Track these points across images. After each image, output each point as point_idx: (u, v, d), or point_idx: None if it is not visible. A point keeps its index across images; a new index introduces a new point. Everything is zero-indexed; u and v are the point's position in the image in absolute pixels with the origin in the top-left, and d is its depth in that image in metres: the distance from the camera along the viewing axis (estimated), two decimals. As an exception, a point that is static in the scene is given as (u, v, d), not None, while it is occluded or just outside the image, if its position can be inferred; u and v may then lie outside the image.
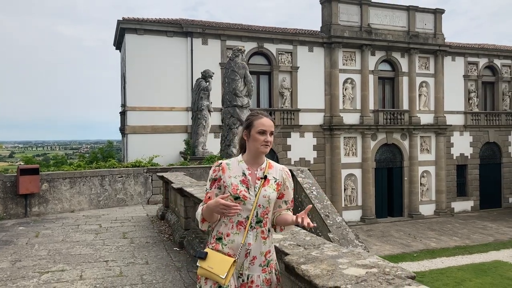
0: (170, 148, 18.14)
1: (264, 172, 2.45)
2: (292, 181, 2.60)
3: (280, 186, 2.48)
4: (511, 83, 27.44)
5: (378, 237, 20.56)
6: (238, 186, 2.39)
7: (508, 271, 15.54)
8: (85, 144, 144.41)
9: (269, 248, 2.45)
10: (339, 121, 22.63)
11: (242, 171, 2.44)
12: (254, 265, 2.38)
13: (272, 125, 2.48)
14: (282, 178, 2.51)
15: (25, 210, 9.04)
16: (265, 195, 2.39)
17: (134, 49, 19.38)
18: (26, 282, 4.76)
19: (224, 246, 2.37)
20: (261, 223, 2.40)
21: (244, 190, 2.38)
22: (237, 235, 2.37)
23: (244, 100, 11.56)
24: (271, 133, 2.46)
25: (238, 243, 2.36)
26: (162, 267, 5.40)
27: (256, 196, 2.38)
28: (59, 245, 6.50)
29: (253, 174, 2.45)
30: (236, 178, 2.41)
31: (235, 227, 2.38)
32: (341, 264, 2.33)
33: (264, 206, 2.40)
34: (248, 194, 2.38)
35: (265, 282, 2.39)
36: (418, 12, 24.46)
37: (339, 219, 7.47)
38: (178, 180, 7.41)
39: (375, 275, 2.13)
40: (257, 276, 2.38)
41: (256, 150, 2.45)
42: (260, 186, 2.41)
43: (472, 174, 26.39)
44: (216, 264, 2.29)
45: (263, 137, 2.42)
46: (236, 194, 2.36)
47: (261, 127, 2.43)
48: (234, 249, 2.36)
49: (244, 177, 2.42)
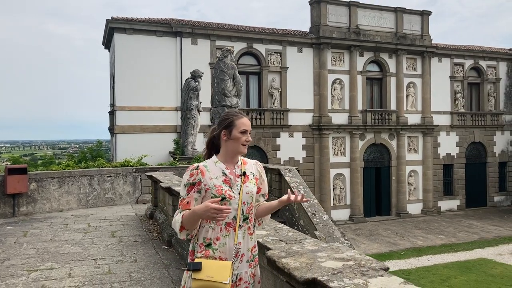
0: (160, 148, 18.15)
1: (241, 169, 2.45)
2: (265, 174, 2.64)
3: (258, 180, 2.51)
4: (496, 84, 27.93)
5: (366, 235, 20.80)
6: (222, 186, 2.36)
7: (492, 268, 15.83)
8: (73, 144, 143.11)
9: (255, 243, 2.47)
10: (328, 121, 22.84)
11: (221, 171, 2.41)
12: (242, 263, 2.37)
13: (250, 124, 2.50)
14: (258, 172, 2.55)
15: (13, 210, 9.03)
16: (248, 191, 2.40)
17: (123, 49, 19.34)
18: (15, 280, 4.82)
19: (215, 251, 2.32)
20: (248, 220, 2.42)
21: (228, 189, 2.37)
22: (227, 237, 2.34)
23: (233, 100, 11.68)
24: (250, 132, 2.48)
25: (230, 245, 2.33)
26: (151, 264, 5.48)
27: (240, 193, 2.38)
28: (47, 244, 6.54)
29: (233, 172, 2.43)
30: (217, 179, 2.38)
31: (224, 229, 2.34)
32: (319, 257, 2.45)
33: (248, 202, 2.41)
34: (233, 193, 2.37)
35: (251, 276, 2.41)
36: (405, 14, 24.78)
37: (326, 217, 7.61)
38: (166, 179, 7.49)
39: (351, 267, 2.25)
40: (244, 272, 2.38)
41: (236, 150, 2.44)
42: (242, 183, 2.41)
43: (458, 173, 26.81)
44: (215, 272, 2.22)
45: (244, 136, 2.43)
46: (222, 194, 2.34)
47: (243, 127, 2.43)
48: (226, 252, 2.33)
49: (225, 176, 2.40)
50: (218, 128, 2.50)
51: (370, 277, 2.09)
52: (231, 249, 2.33)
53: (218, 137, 2.49)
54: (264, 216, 2.60)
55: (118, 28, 19.31)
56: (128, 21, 19.49)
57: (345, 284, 2.01)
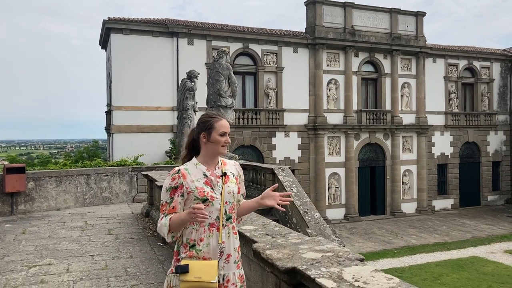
0: (156, 148, 18.31)
1: (222, 170, 2.50)
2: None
3: (238, 180, 2.56)
4: (489, 84, 28.23)
5: (360, 234, 21.03)
6: (203, 188, 2.40)
7: (484, 266, 16.06)
8: (70, 143, 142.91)
9: (239, 243, 2.52)
10: (323, 121, 23.05)
11: (202, 173, 2.45)
12: (229, 263, 2.41)
13: (229, 126, 2.56)
14: (237, 172, 2.59)
15: (11, 208, 9.20)
16: (229, 191, 2.45)
17: (119, 49, 19.48)
18: (15, 275, 5.00)
19: (199, 252, 2.36)
20: (231, 219, 2.46)
21: (210, 191, 2.41)
22: (211, 238, 2.38)
23: (228, 101, 11.85)
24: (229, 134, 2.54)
25: (214, 244, 2.37)
26: (146, 260, 5.67)
27: (222, 194, 2.42)
28: (45, 241, 6.72)
29: (214, 173, 2.48)
30: (199, 181, 2.42)
31: (208, 230, 2.38)
32: (301, 249, 2.65)
33: (230, 201, 2.46)
34: (214, 194, 2.41)
35: (239, 278, 2.44)
36: (400, 15, 25.02)
37: (317, 215, 7.81)
38: (162, 178, 7.67)
39: (329, 258, 2.45)
40: (232, 274, 2.41)
41: (216, 151, 2.49)
42: (223, 183, 2.45)
43: (452, 173, 27.09)
44: (202, 272, 2.26)
45: (223, 138, 2.48)
46: (204, 196, 2.38)
47: (223, 129, 2.48)
48: (210, 252, 2.37)
49: (206, 178, 2.44)
50: (197, 131, 2.53)
51: (345, 266, 2.28)
52: (215, 248, 2.37)
53: (197, 139, 2.52)
54: (245, 215, 2.66)
55: (114, 28, 19.44)
56: (124, 21, 19.63)
57: (321, 272, 2.20)
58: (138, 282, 4.83)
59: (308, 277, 2.17)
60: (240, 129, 21.25)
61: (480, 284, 14.11)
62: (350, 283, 2.02)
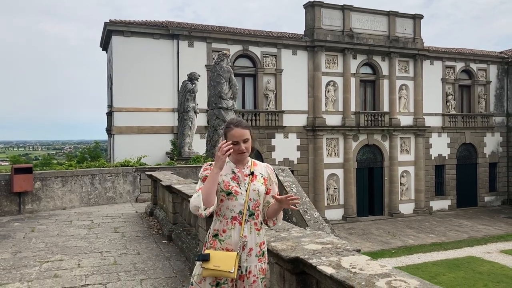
0: (157, 149, 18.54)
1: (250, 169, 2.69)
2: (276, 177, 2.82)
3: (266, 181, 2.72)
4: (486, 86, 28.56)
5: (359, 235, 21.28)
6: (229, 182, 2.61)
7: (480, 266, 16.31)
8: (68, 144, 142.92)
9: (263, 239, 2.67)
10: (322, 122, 23.32)
11: (231, 169, 2.67)
12: (251, 256, 2.57)
13: (242, 133, 2.64)
14: (267, 173, 2.76)
15: (19, 208, 9.44)
16: (255, 189, 2.62)
17: (120, 51, 19.71)
18: (29, 270, 5.24)
19: (222, 242, 2.56)
20: (254, 216, 2.62)
21: (235, 186, 2.61)
22: (233, 230, 2.57)
23: (229, 103, 12.12)
24: (245, 140, 2.65)
25: (236, 237, 2.55)
26: (153, 256, 5.92)
27: (247, 190, 2.61)
28: (55, 238, 6.96)
29: (241, 171, 2.67)
30: (227, 176, 2.63)
31: (230, 222, 2.58)
32: (303, 242, 2.91)
33: (255, 199, 2.63)
34: (239, 189, 2.61)
35: (261, 271, 2.59)
36: (398, 17, 25.33)
37: (316, 215, 8.07)
38: (166, 178, 7.92)
39: (328, 249, 2.71)
40: (254, 266, 2.57)
41: (235, 157, 2.69)
42: (249, 181, 2.64)
43: (450, 174, 27.38)
44: (222, 261, 2.45)
45: (236, 147, 2.62)
46: (228, 189, 2.59)
47: (233, 139, 2.63)
48: (232, 244, 2.55)
49: (234, 174, 2.65)
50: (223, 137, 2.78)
51: (343, 256, 2.54)
52: (236, 241, 2.55)
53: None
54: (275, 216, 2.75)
55: (116, 30, 19.68)
56: (125, 23, 19.88)
57: (321, 261, 2.46)
58: (146, 276, 5.08)
59: (310, 265, 2.42)
60: (240, 131, 21.46)
61: (476, 283, 14.35)
62: (347, 270, 2.28)
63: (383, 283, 2.06)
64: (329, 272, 2.25)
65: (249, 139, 2.68)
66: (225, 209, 2.61)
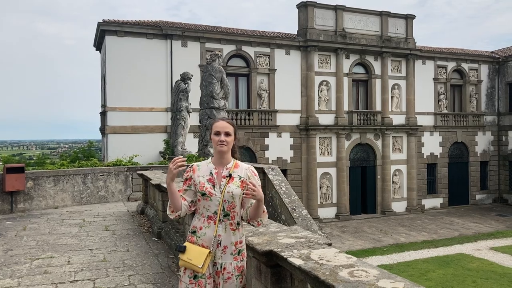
0: (150, 148, 18.64)
1: (229, 171, 2.79)
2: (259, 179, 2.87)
3: (244, 183, 2.76)
4: (477, 86, 28.85)
5: (351, 233, 21.47)
6: (204, 184, 2.75)
7: (470, 263, 16.54)
8: (63, 143, 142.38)
9: (240, 239, 2.77)
10: (315, 121, 23.49)
11: (209, 171, 2.81)
12: (226, 254, 2.70)
13: (225, 126, 2.80)
14: (246, 176, 2.81)
15: (11, 207, 9.53)
16: (229, 191, 2.72)
17: (114, 51, 19.77)
18: (19, 267, 5.37)
19: (198, 238, 2.72)
20: (229, 216, 2.74)
21: (209, 187, 2.74)
22: (208, 228, 2.71)
23: (220, 102, 12.25)
24: (226, 134, 2.77)
25: (210, 235, 2.70)
26: (142, 253, 6.06)
27: (222, 192, 2.73)
28: (46, 236, 7.07)
29: (219, 173, 2.79)
30: (203, 177, 2.78)
31: (206, 221, 2.74)
32: (279, 236, 3.06)
33: (229, 201, 2.73)
34: (213, 190, 2.74)
35: (236, 269, 2.71)
36: (390, 17, 25.54)
37: (305, 212, 8.23)
38: (156, 177, 8.05)
39: (301, 243, 2.86)
40: (229, 263, 2.70)
41: (215, 150, 2.82)
42: (226, 183, 2.74)
43: (442, 172, 27.66)
44: (194, 255, 2.63)
45: (217, 137, 2.77)
46: (203, 190, 2.74)
47: (215, 129, 2.80)
48: (207, 241, 2.69)
49: (211, 176, 2.78)
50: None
51: (314, 249, 2.69)
52: (210, 239, 2.70)
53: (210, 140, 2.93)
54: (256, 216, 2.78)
55: (109, 30, 19.73)
56: (119, 23, 19.93)
57: (293, 253, 2.61)
58: (135, 272, 5.22)
59: (282, 257, 2.57)
60: (233, 130, 21.59)
61: (465, 280, 14.56)
62: (315, 261, 2.43)
63: (345, 272, 2.21)
64: (297, 263, 2.40)
65: (231, 135, 2.80)
66: (202, 208, 2.77)
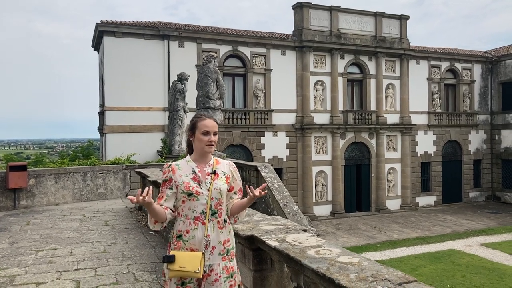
0: (148, 147, 18.99)
1: (212, 168, 2.68)
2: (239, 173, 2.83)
3: (229, 179, 2.72)
4: (471, 85, 29.29)
5: (346, 230, 21.88)
6: (189, 183, 2.59)
7: (460, 258, 16.94)
8: (60, 143, 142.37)
9: (228, 237, 2.66)
10: (310, 121, 23.88)
11: (192, 169, 2.65)
12: (214, 255, 2.57)
13: (214, 125, 2.68)
14: (229, 171, 2.75)
15: (14, 203, 9.91)
16: (216, 188, 2.62)
17: (112, 51, 20.09)
18: (25, 258, 5.76)
19: (186, 243, 2.54)
20: (216, 214, 2.62)
21: (196, 186, 2.59)
22: (196, 230, 2.55)
23: (216, 103, 12.62)
24: (214, 133, 2.66)
25: (199, 237, 2.54)
26: (140, 245, 6.45)
27: (209, 190, 2.60)
28: (49, 231, 7.46)
29: (203, 171, 2.66)
30: (187, 177, 2.61)
31: (193, 223, 2.56)
32: (261, 224, 3.45)
33: (217, 198, 2.62)
34: (200, 189, 2.60)
35: (225, 270, 2.58)
36: (384, 18, 25.93)
37: (295, 208, 8.62)
38: (153, 174, 8.43)
39: (280, 229, 3.25)
40: (217, 264, 2.57)
41: (202, 150, 2.67)
42: (211, 180, 2.63)
43: (435, 170, 28.09)
44: (187, 262, 2.44)
45: (207, 137, 2.63)
46: (189, 190, 2.57)
47: (205, 129, 2.63)
48: (196, 243, 2.54)
49: (194, 174, 2.63)
50: (188, 131, 2.79)
51: (290, 234, 3.08)
52: (200, 241, 2.55)
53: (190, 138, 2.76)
54: (239, 212, 2.78)
55: (107, 31, 20.05)
56: (116, 24, 20.27)
57: (271, 237, 3.00)
58: (133, 262, 5.61)
59: (261, 240, 2.96)
60: (230, 129, 22.00)
61: (454, 274, 14.96)
62: (289, 243, 2.82)
63: (313, 251, 2.60)
64: (273, 244, 2.79)
65: (217, 134, 2.70)
66: (187, 210, 2.60)
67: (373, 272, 2.22)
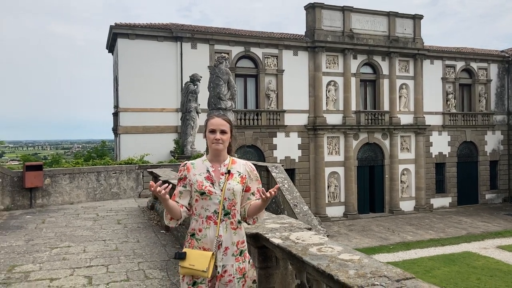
0: (161, 147, 19.18)
1: (227, 168, 2.66)
2: (257, 174, 2.79)
3: (244, 179, 2.68)
4: (487, 85, 28.85)
5: (359, 231, 21.76)
6: (203, 182, 2.60)
7: (475, 261, 16.71)
8: (76, 143, 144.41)
9: (242, 238, 2.66)
10: (323, 121, 23.82)
11: (206, 168, 2.66)
12: (227, 256, 2.57)
13: (221, 123, 2.67)
14: (246, 171, 2.71)
15: (30, 202, 10.17)
16: (230, 188, 2.60)
17: (126, 53, 20.37)
18: (40, 254, 5.92)
19: (198, 241, 2.57)
20: (229, 215, 2.60)
21: (209, 185, 2.60)
22: (208, 229, 2.56)
23: (227, 103, 12.72)
24: (221, 131, 2.65)
25: (211, 236, 2.55)
26: (151, 244, 6.57)
27: (222, 190, 2.59)
28: (63, 229, 7.65)
29: (217, 170, 2.66)
30: (201, 175, 2.63)
31: (205, 222, 2.58)
32: (266, 222, 3.50)
33: (230, 198, 2.60)
34: (213, 189, 2.60)
35: (238, 271, 2.58)
36: (398, 18, 25.72)
37: (306, 208, 8.65)
38: (165, 174, 8.55)
39: (284, 227, 3.29)
40: (230, 265, 2.57)
41: (211, 148, 2.70)
42: (225, 180, 2.61)
43: (450, 172, 27.73)
44: (196, 260, 2.48)
45: (212, 135, 2.65)
46: (202, 189, 2.59)
47: (210, 127, 2.67)
48: (208, 243, 2.55)
49: (208, 173, 2.64)
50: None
51: (294, 232, 3.13)
52: (212, 240, 2.55)
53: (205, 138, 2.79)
54: (256, 214, 2.73)
55: (121, 33, 20.35)
56: (130, 26, 20.55)
57: (275, 235, 3.05)
58: (144, 260, 5.72)
59: (265, 238, 3.01)
60: (242, 130, 22.09)
61: (469, 277, 14.77)
62: (292, 241, 2.86)
63: (315, 249, 2.64)
64: (277, 242, 2.84)
65: (227, 133, 2.68)
66: (200, 209, 2.62)
67: (372, 269, 2.26)
